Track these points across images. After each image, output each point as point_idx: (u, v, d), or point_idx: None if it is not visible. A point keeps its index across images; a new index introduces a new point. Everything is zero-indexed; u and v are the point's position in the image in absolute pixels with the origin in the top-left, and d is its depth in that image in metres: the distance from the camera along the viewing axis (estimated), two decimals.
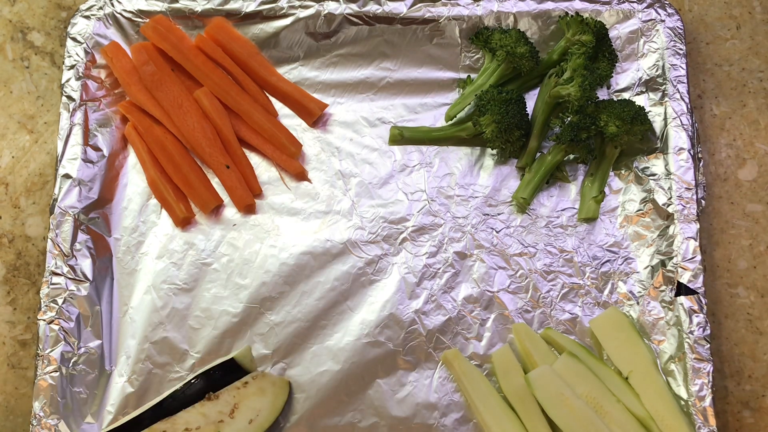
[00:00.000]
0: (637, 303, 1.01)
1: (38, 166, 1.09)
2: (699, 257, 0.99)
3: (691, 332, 0.96)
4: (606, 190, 1.06)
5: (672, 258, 1.00)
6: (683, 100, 1.05)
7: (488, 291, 1.03)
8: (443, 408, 0.98)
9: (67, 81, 1.06)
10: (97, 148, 1.05)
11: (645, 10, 1.10)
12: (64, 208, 1.01)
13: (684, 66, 1.07)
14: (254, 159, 1.09)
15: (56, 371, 0.95)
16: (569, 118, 1.06)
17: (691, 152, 1.03)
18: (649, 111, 1.07)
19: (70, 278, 0.99)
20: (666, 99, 1.06)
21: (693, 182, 1.02)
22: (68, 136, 1.04)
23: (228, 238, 1.05)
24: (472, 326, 1.01)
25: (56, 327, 0.96)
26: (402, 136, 1.08)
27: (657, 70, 1.08)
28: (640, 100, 1.07)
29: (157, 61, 1.08)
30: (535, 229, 1.05)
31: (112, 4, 1.09)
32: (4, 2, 1.15)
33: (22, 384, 1.01)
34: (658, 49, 1.08)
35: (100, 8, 1.09)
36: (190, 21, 1.10)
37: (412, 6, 1.10)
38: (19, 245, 1.06)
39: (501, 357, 0.99)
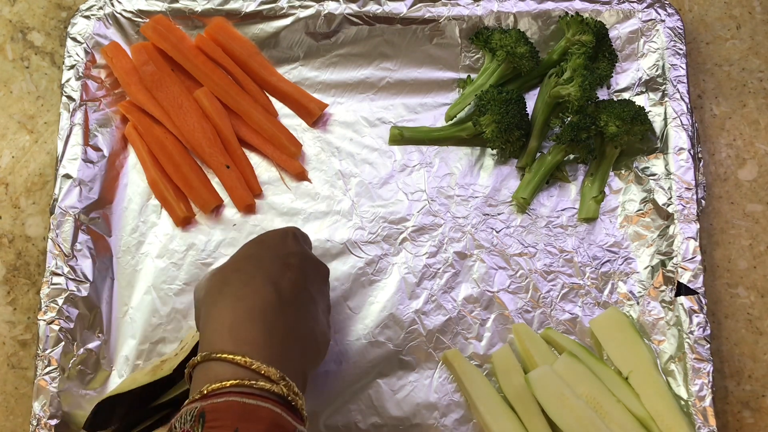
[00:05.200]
0: (637, 303, 1.01)
1: (38, 166, 1.09)
2: (699, 257, 0.99)
3: (691, 332, 0.96)
4: (606, 190, 1.06)
5: (672, 258, 1.00)
6: (683, 100, 1.05)
7: (488, 291, 1.03)
8: (443, 408, 0.98)
9: (67, 81, 1.06)
10: (97, 148, 1.05)
11: (645, 10, 1.10)
12: (65, 208, 1.01)
13: (684, 66, 1.07)
14: (254, 159, 1.09)
15: (56, 371, 0.95)
16: (569, 118, 1.06)
17: (691, 152, 1.03)
18: (649, 111, 1.06)
19: (70, 278, 0.99)
20: (666, 99, 1.06)
21: (693, 182, 1.02)
22: (68, 136, 1.04)
23: (228, 238, 1.05)
24: (472, 326, 1.01)
25: (56, 327, 0.96)
26: (402, 136, 1.08)
27: (657, 70, 1.08)
28: (640, 100, 1.07)
29: (157, 61, 1.08)
30: (535, 229, 1.05)
31: (112, 4, 1.09)
32: (4, 2, 1.15)
33: (22, 384, 1.01)
34: (658, 49, 1.08)
35: (100, 8, 1.09)
36: (190, 21, 1.10)
37: (412, 6, 1.10)
38: (19, 245, 1.06)
39: (501, 357, 0.99)
